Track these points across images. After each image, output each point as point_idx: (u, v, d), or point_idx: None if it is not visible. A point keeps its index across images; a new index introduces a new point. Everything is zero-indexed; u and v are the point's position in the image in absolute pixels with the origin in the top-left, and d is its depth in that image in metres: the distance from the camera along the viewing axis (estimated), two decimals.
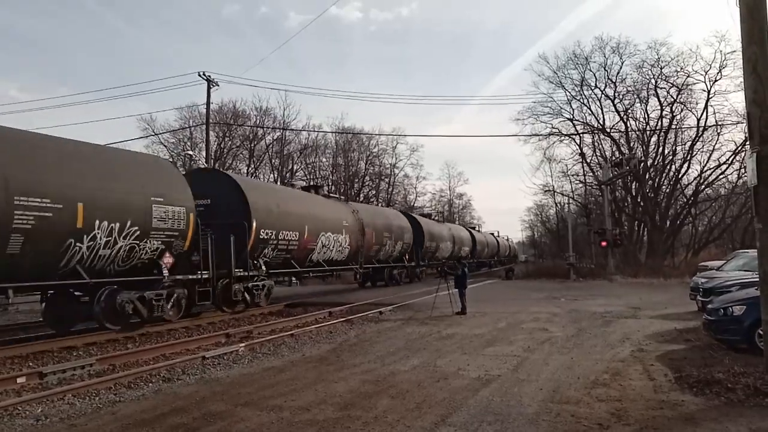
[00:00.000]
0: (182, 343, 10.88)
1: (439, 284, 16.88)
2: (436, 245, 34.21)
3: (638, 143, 40.93)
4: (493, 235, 62.85)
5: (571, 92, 40.99)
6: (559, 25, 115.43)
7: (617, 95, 40.01)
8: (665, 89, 38.20)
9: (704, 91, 36.57)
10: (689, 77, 36.81)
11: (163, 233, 12.55)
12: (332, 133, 53.72)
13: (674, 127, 38.71)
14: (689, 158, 38.84)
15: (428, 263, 34.00)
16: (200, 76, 30.01)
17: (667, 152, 39.80)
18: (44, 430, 5.63)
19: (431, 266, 35.33)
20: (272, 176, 49.11)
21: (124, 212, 11.57)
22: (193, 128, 46.14)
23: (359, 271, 25.29)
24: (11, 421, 5.88)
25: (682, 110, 38.52)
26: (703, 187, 39.41)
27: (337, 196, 27.54)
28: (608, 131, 41.03)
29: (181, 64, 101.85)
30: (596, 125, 41.14)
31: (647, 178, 39.77)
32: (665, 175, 40.45)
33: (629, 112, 40.47)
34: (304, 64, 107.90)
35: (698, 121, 37.39)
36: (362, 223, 24.02)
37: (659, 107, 38.85)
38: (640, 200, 40.50)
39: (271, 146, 50.61)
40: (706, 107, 36.73)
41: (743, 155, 31.91)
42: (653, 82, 38.27)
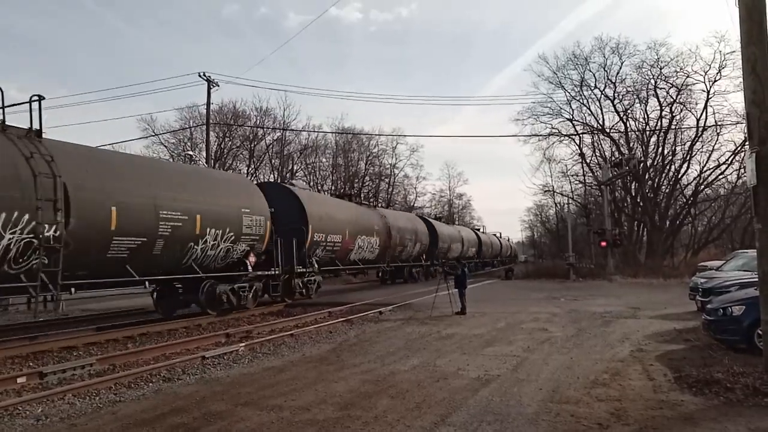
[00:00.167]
0: (182, 343, 10.88)
1: (438, 284, 16.90)
2: (448, 246, 36.71)
3: (638, 143, 41.00)
4: (495, 236, 64.38)
5: (570, 92, 41.13)
6: (558, 25, 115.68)
7: (617, 95, 40.15)
8: (665, 89, 38.33)
9: (704, 91, 36.70)
10: (689, 77, 36.96)
11: (249, 237, 15.50)
12: (332, 133, 53.81)
13: (674, 127, 38.80)
14: (689, 158, 38.96)
15: (441, 262, 35.41)
16: (200, 76, 30.06)
17: (666, 152, 39.90)
18: (45, 429, 5.64)
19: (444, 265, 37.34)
20: (272, 176, 49.08)
21: (224, 221, 14.53)
22: (193, 128, 46.18)
23: (386, 269, 28.53)
24: (12, 420, 5.89)
25: (681, 110, 38.65)
26: (702, 187, 39.50)
27: (367, 203, 30.66)
28: (608, 131, 41.10)
29: (181, 64, 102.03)
30: (596, 125, 41.26)
31: (647, 178, 39.80)
32: (665, 175, 40.52)
33: (629, 112, 40.61)
34: (304, 64, 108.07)
35: (698, 121, 37.51)
36: (389, 227, 27.15)
37: (659, 107, 38.99)
38: (639, 200, 40.54)
39: (271, 146, 50.64)
40: (705, 107, 36.84)
41: (742, 155, 31.93)
42: (653, 82, 38.39)
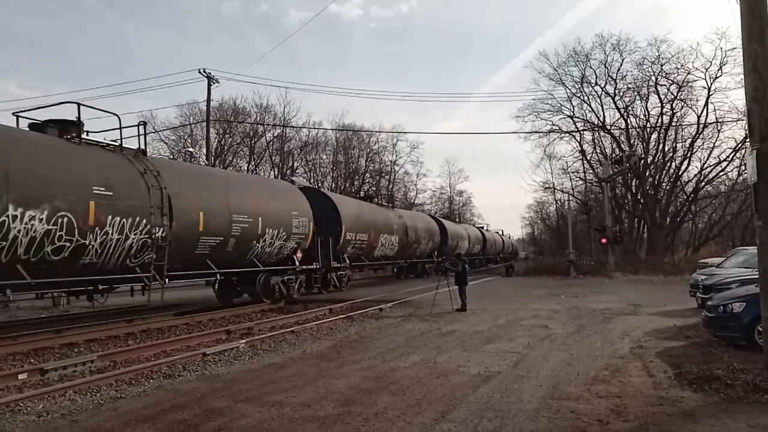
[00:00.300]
0: (183, 339, 10.90)
1: (439, 281, 16.90)
2: (456, 243, 38.69)
3: (638, 140, 40.97)
4: (497, 233, 65.63)
5: (571, 89, 41.10)
6: (558, 22, 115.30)
7: (617, 92, 40.11)
8: (665, 86, 38.29)
9: (704, 88, 36.66)
10: (689, 74, 36.92)
11: (297, 236, 17.86)
12: (332, 130, 53.81)
13: (674, 124, 38.76)
14: (689, 155, 38.93)
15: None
16: (200, 73, 30.06)
17: (667, 149, 39.86)
18: (46, 426, 5.65)
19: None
20: (272, 173, 49.09)
21: (279, 222, 16.80)
22: (193, 125, 46.13)
23: (404, 264, 31.07)
24: (13, 417, 5.90)
25: (682, 107, 38.61)
26: (703, 184, 39.48)
27: (386, 204, 32.56)
28: (608, 128, 41.09)
29: (181, 63, 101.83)
30: (596, 122, 41.26)
31: (647, 175, 39.78)
32: (665, 172, 40.50)
33: (629, 109, 40.57)
34: (304, 61, 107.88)
35: (698, 118, 37.48)
36: (406, 226, 29.44)
37: (659, 104, 38.95)
38: (640, 197, 40.53)
39: (271, 143, 50.57)
40: (706, 104, 36.80)
41: (743, 152, 31.90)
42: (653, 79, 38.35)
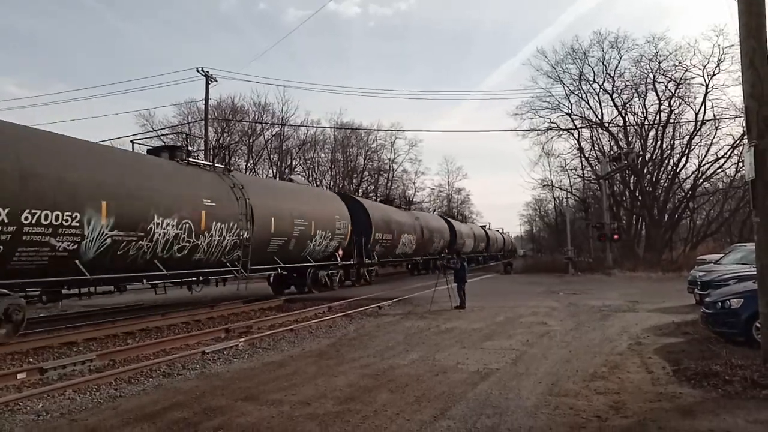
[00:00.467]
0: (182, 338, 10.90)
1: (437, 278, 16.90)
2: (463, 242, 41.77)
3: (636, 138, 40.97)
4: (498, 231, 68.39)
5: (569, 87, 41.02)
6: (557, 20, 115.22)
7: (615, 90, 40.04)
8: (663, 84, 38.22)
9: (702, 85, 36.58)
10: (687, 71, 36.82)
11: (339, 236, 21.32)
12: (331, 128, 53.68)
13: (672, 121, 38.71)
14: (687, 152, 38.86)
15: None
16: (198, 71, 29.99)
17: (665, 146, 39.80)
18: (45, 425, 5.65)
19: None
20: (271, 172, 49.02)
21: (326, 225, 20.28)
22: (191, 124, 46.01)
23: (420, 261, 33.96)
24: (12, 416, 5.90)
25: (680, 104, 38.54)
26: (701, 181, 39.43)
27: (405, 207, 35.42)
28: (606, 126, 41.05)
29: (180, 62, 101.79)
30: (594, 120, 41.19)
31: (645, 172, 39.76)
32: (663, 169, 40.47)
33: (627, 106, 40.49)
34: (302, 59, 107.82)
35: (696, 115, 37.42)
36: (422, 226, 32.30)
37: (657, 102, 38.86)
38: (638, 194, 40.53)
39: (269, 142, 50.46)
40: (704, 101, 36.74)
41: (741, 149, 31.93)
42: (651, 76, 38.28)
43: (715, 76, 35.80)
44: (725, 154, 37.08)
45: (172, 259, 13.25)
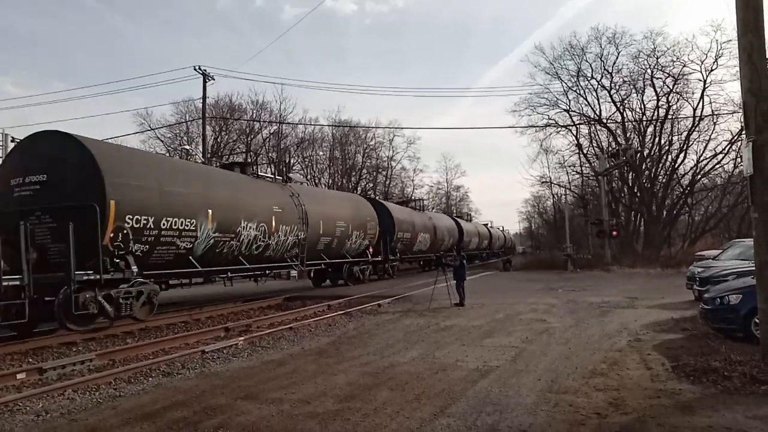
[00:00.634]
0: (181, 337, 10.90)
1: (437, 276, 16.90)
2: (470, 240, 44.71)
3: (634, 134, 40.99)
4: (499, 229, 69.71)
5: (567, 83, 41.02)
6: (555, 15, 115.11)
7: (613, 86, 40.03)
8: (661, 79, 38.25)
9: (700, 80, 36.61)
10: (685, 67, 36.86)
11: (369, 236, 24.29)
12: (329, 126, 53.61)
13: (670, 117, 38.76)
14: (685, 148, 38.93)
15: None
16: (196, 70, 29.95)
17: (663, 142, 39.85)
18: (45, 425, 5.65)
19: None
20: (269, 170, 48.80)
21: (359, 226, 23.21)
22: (189, 123, 45.94)
23: (433, 258, 35.08)
24: (12, 416, 5.90)
25: (678, 100, 38.56)
26: (699, 176, 39.49)
27: (419, 208, 36.38)
28: (604, 122, 41.06)
29: (178, 61, 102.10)
30: (592, 116, 41.20)
31: (643, 168, 39.79)
32: (661, 165, 40.52)
33: (625, 102, 40.51)
34: (300, 57, 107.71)
35: (694, 111, 37.46)
36: (435, 226, 34.89)
37: (655, 97, 38.91)
38: (636, 190, 40.56)
39: (267, 140, 50.39)
40: (702, 97, 36.76)
41: (739, 144, 31.97)
42: (649, 72, 38.29)
43: (712, 71, 35.90)
44: (723, 149, 37.20)
45: (251, 255, 16.26)
